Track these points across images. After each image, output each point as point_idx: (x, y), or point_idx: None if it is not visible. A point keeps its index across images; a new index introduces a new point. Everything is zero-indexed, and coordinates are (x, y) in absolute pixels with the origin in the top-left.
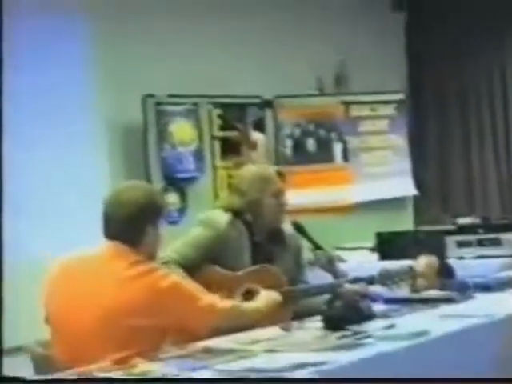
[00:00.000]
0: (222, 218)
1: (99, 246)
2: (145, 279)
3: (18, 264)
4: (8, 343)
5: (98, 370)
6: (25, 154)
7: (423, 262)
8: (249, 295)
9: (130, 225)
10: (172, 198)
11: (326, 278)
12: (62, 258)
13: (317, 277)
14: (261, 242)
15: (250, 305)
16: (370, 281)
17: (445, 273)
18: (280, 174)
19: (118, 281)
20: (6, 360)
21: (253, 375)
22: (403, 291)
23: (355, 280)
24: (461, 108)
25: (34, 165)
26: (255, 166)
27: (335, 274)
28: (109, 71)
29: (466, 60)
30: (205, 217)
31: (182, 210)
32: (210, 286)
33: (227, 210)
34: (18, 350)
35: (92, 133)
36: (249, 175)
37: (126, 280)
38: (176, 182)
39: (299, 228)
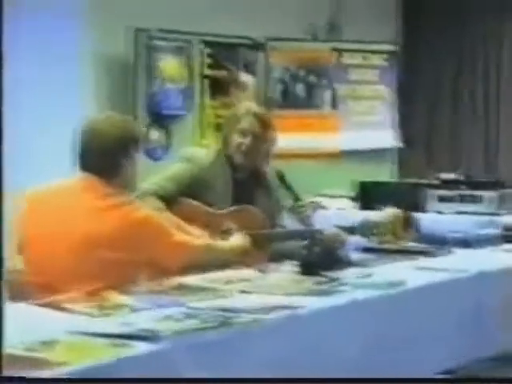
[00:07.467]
0: (207, 153)
1: (71, 177)
2: (116, 211)
3: None
4: None
5: (68, 300)
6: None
7: (385, 214)
8: (226, 234)
9: (105, 157)
10: (156, 135)
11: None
12: (31, 190)
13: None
14: (243, 181)
15: (224, 244)
16: (351, 230)
17: (408, 225)
18: (260, 118)
19: (88, 212)
20: None
21: (225, 315)
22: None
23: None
24: (454, 66)
25: (20, 103)
26: (242, 104)
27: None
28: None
29: (465, 21)
30: (187, 152)
31: (165, 147)
32: (188, 222)
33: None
34: None
35: (80, 65)
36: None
37: (97, 211)
38: (162, 119)
39: (281, 177)
